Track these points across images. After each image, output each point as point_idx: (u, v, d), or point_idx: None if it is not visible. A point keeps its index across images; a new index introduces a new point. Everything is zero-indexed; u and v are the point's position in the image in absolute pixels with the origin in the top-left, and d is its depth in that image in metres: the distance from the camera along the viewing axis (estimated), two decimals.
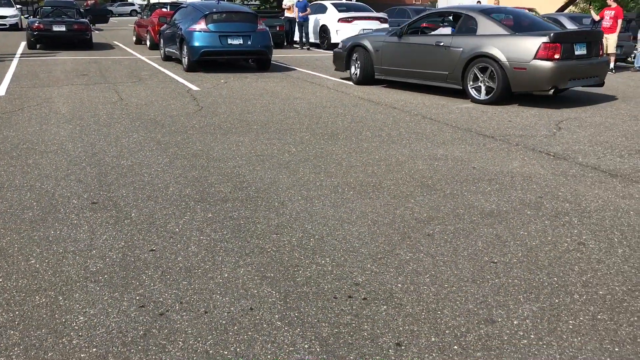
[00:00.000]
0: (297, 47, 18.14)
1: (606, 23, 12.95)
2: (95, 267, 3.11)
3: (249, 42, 12.01)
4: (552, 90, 7.94)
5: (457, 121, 7.23)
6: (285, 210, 4.03)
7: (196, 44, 11.72)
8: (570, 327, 2.60)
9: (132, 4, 64.87)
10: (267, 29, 12.87)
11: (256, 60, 12.94)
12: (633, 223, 3.84)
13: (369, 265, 3.19)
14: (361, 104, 8.41)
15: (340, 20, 17.96)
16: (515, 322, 2.63)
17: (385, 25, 18.38)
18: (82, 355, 2.33)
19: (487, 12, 8.97)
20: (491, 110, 8.00)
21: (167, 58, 13.98)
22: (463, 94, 8.85)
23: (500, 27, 8.47)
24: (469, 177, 4.86)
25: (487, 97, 8.41)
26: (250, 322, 2.61)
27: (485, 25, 8.55)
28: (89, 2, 29.66)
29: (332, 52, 17.46)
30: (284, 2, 18.08)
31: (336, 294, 2.87)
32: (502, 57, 8.09)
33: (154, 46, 16.73)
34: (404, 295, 2.87)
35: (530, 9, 28.49)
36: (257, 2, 46.06)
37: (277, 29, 18.23)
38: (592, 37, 8.73)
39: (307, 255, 3.31)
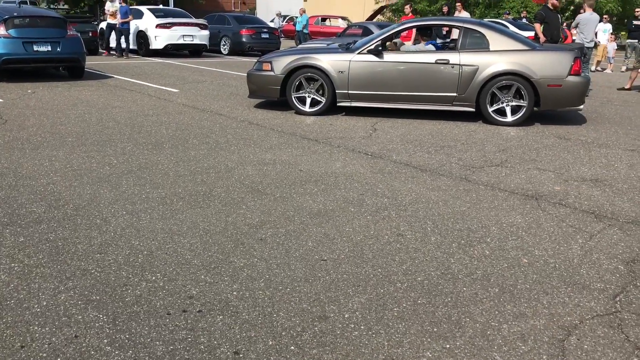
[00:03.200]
0: (114, 54, 17.15)
1: None
2: None
3: (58, 49, 11.14)
4: (582, 106, 7.78)
5: (282, 126, 7.41)
6: (109, 227, 3.81)
7: None
8: (395, 314, 2.80)
9: None
10: (79, 34, 12.06)
11: (68, 68, 12.06)
12: (442, 212, 4.25)
13: (202, 277, 3.13)
14: (186, 112, 8.24)
15: (159, 26, 17.43)
16: (346, 316, 2.77)
17: (206, 32, 18.24)
18: None
19: (488, 25, 8.21)
20: (312, 116, 8.31)
21: None
22: (466, 116, 7.93)
23: (518, 42, 7.78)
24: (296, 179, 5.01)
25: (514, 118, 7.69)
26: (75, 350, 2.41)
27: (499, 40, 7.73)
28: None
29: (150, 59, 16.89)
30: (105, 7, 16.86)
31: (169, 309, 2.78)
32: (533, 74, 7.49)
33: None
34: (239, 302, 2.87)
35: (343, 17, 30.11)
36: (66, 7, 42.98)
37: (90, 34, 17.14)
38: None
39: (136, 272, 3.16)
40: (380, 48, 8.06)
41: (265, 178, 5.03)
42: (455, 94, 7.83)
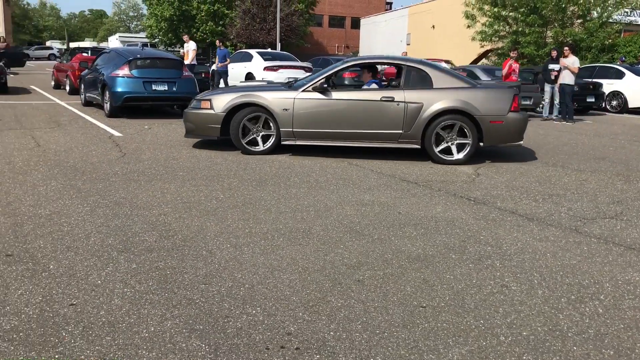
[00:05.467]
0: None
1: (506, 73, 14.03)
2: (9, 324, 2.90)
3: (174, 89, 11.95)
4: (521, 142, 8.04)
5: (381, 167, 7.42)
6: (214, 258, 3.95)
7: (119, 89, 11.51)
8: None
9: (51, 48, 63.43)
10: (193, 75, 12.86)
11: (182, 107, 12.83)
12: (550, 265, 4.03)
13: (300, 314, 3.15)
14: (289, 150, 8.47)
15: (266, 68, 18.21)
16: None
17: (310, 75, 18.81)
18: None
19: (430, 64, 8.34)
20: (412, 157, 8.26)
21: (88, 103, 13.63)
22: (419, 154, 8.04)
23: (460, 80, 7.92)
24: (395, 222, 4.96)
25: (460, 156, 7.75)
26: None
27: (442, 78, 7.84)
28: (0, 44, 28.66)
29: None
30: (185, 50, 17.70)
31: (268, 344, 2.81)
32: (476, 111, 7.58)
33: (74, 91, 16.28)
34: (336, 343, 2.85)
35: (446, 61, 30.00)
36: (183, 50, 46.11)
37: (203, 75, 18.25)
38: None
39: (238, 305, 3.24)
40: (325, 85, 7.93)
41: (364, 219, 5.03)
42: (401, 131, 7.79)
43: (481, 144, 7.83)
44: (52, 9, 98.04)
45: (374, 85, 8.35)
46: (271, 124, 8.01)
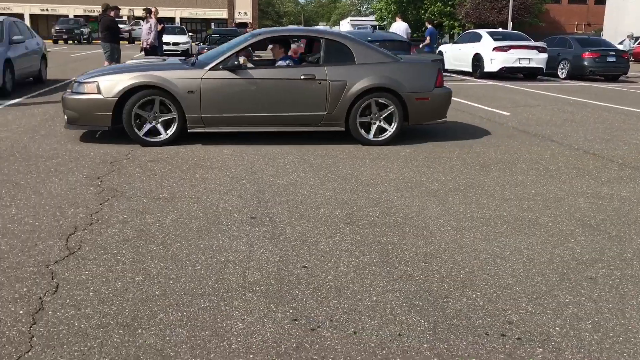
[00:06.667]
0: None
1: None
2: (253, 277, 3.30)
3: None
4: (445, 119, 7.61)
5: (624, 158, 6.69)
6: (434, 239, 3.98)
7: None
8: None
9: None
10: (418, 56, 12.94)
11: None
12: None
13: (523, 305, 3.04)
14: (516, 135, 8.09)
15: (496, 48, 17.52)
16: None
17: (544, 55, 17.64)
18: None
19: (349, 36, 7.45)
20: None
21: None
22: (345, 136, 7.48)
23: (382, 54, 7.25)
24: (638, 219, 4.46)
25: (383, 137, 7.19)
26: (398, 348, 2.60)
27: (363, 53, 7.10)
28: (247, 30, 31.98)
29: (484, 81, 17.06)
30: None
31: (488, 330, 2.77)
32: (402, 88, 7.01)
33: None
34: (562, 339, 2.69)
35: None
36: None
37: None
38: None
39: (457, 287, 3.23)
40: (237, 62, 6.83)
41: (599, 213, 4.61)
42: (324, 113, 7.04)
43: (406, 122, 7.29)
44: None
45: (288, 62, 7.42)
46: (172, 109, 6.80)
